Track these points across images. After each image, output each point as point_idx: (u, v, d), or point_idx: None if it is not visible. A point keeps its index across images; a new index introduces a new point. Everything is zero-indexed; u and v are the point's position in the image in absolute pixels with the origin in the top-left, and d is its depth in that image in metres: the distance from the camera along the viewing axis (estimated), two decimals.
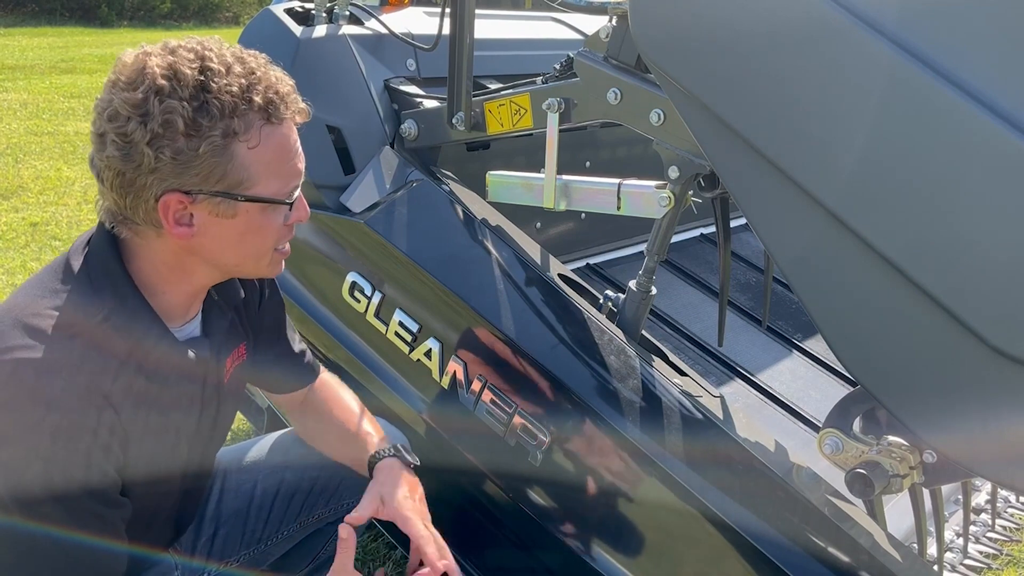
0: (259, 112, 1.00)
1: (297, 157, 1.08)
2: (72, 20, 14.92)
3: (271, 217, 1.07)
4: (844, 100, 1.11)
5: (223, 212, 1.03)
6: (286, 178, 1.06)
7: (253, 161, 1.01)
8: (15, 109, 7.06)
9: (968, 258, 1.05)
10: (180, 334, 1.14)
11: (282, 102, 1.03)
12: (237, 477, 1.45)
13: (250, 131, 1.00)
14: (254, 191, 1.03)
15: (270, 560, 1.50)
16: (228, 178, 1.00)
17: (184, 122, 0.95)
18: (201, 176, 0.99)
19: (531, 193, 1.70)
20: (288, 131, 1.05)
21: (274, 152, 1.03)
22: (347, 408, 1.46)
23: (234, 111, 0.98)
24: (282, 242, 1.12)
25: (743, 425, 1.41)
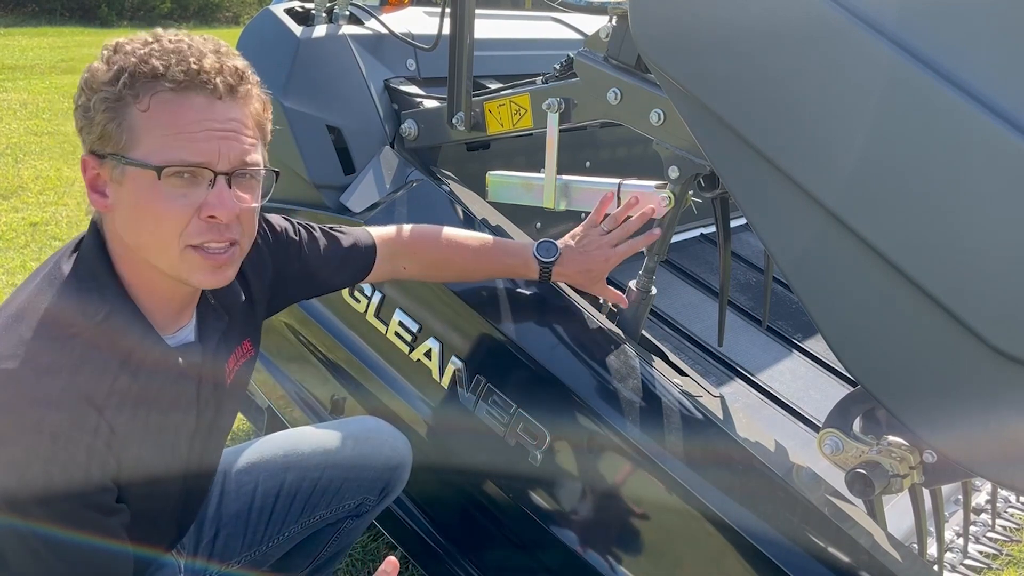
0: (156, 77, 0.96)
1: (203, 133, 0.99)
2: (72, 20, 14.92)
3: (160, 192, 0.98)
4: (844, 100, 1.11)
5: (117, 177, 0.99)
6: (171, 148, 0.97)
7: (142, 124, 0.97)
8: (15, 109, 7.05)
9: (968, 258, 1.05)
10: (172, 340, 1.11)
11: (190, 74, 0.97)
12: (238, 479, 1.45)
13: (144, 94, 0.97)
14: (133, 153, 0.98)
15: (271, 561, 1.50)
16: (119, 139, 0.98)
17: (93, 79, 0.98)
18: (98, 135, 0.99)
19: (531, 193, 1.70)
20: (191, 103, 0.98)
21: (166, 118, 0.97)
22: (461, 238, 1.55)
23: (133, 72, 0.96)
24: (193, 235, 1.01)
25: (743, 425, 1.41)
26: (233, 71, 1.01)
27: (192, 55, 0.98)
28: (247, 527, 1.43)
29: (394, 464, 1.52)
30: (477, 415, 1.59)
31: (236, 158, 1.02)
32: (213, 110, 1.00)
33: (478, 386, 1.60)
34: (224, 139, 1.00)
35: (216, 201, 1.00)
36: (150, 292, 1.07)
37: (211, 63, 0.99)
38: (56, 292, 1.01)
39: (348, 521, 1.54)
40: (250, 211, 1.06)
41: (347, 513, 1.52)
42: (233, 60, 1.03)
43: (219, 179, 1.00)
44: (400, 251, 1.52)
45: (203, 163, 0.99)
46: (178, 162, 0.98)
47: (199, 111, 0.99)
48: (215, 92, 0.99)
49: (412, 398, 1.74)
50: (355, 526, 1.56)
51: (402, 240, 1.52)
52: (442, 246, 1.53)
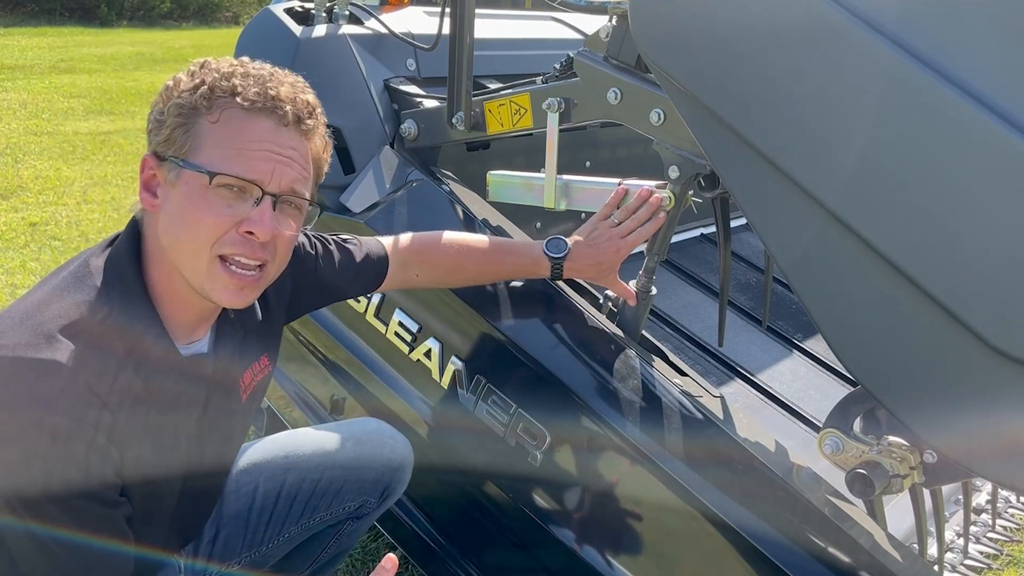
0: (231, 93, 1.02)
1: (262, 153, 1.03)
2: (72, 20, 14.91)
3: (208, 199, 1.01)
4: (844, 100, 1.11)
5: (172, 179, 1.03)
6: (230, 160, 1.01)
7: (208, 133, 1.02)
8: (15, 109, 7.05)
9: (968, 258, 1.05)
10: (185, 350, 1.13)
11: (263, 97, 1.03)
12: (238, 479, 1.45)
13: (216, 107, 1.02)
14: (193, 158, 1.02)
15: (271, 562, 1.49)
16: (184, 144, 1.02)
17: (173, 87, 1.03)
18: (166, 138, 1.03)
19: (531, 193, 1.70)
20: (257, 124, 1.03)
21: (229, 132, 1.02)
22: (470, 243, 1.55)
23: (212, 86, 1.02)
24: (226, 245, 1.03)
25: (743, 425, 1.41)
26: (305, 104, 1.08)
27: (271, 82, 1.04)
28: (247, 528, 1.43)
29: (395, 466, 1.52)
30: (477, 415, 1.59)
31: (286, 184, 1.06)
32: (277, 135, 1.05)
33: (478, 386, 1.60)
34: (279, 163, 1.05)
35: (257, 218, 1.03)
36: (172, 299, 1.08)
37: (287, 92, 1.05)
38: (80, 290, 1.03)
39: (349, 523, 1.54)
40: (286, 238, 1.09)
41: (348, 515, 1.52)
42: (307, 95, 1.09)
43: (266, 199, 1.04)
44: (411, 259, 1.53)
45: (254, 180, 1.03)
46: (231, 173, 1.02)
47: (263, 132, 1.04)
48: (283, 119, 1.05)
49: (412, 398, 1.74)
50: (356, 528, 1.56)
51: (413, 248, 1.53)
52: (452, 252, 1.53)
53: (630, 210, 1.52)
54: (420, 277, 1.54)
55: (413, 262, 1.53)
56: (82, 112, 7.18)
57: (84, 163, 5.49)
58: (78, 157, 5.63)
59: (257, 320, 1.27)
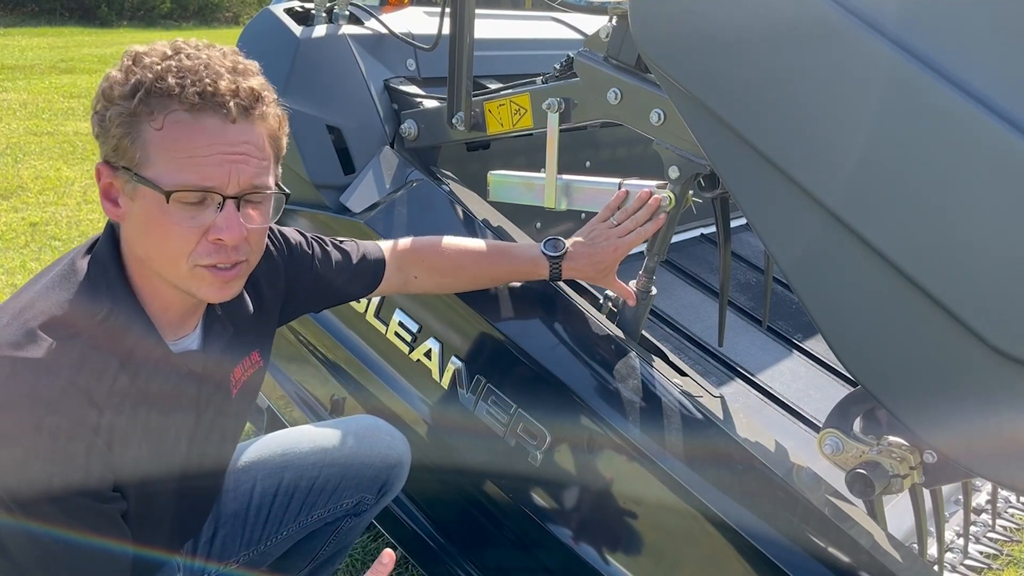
0: (170, 96, 0.96)
1: (214, 156, 0.99)
2: (72, 20, 14.92)
3: (169, 213, 0.98)
4: (844, 100, 1.11)
5: (129, 191, 1.00)
6: (182, 171, 0.98)
7: (155, 142, 0.97)
8: (15, 109, 7.06)
9: (968, 258, 1.05)
10: (175, 347, 1.12)
11: (204, 96, 0.97)
12: (236, 477, 1.45)
13: (158, 112, 0.97)
14: (145, 172, 0.98)
15: (270, 560, 1.50)
16: (130, 154, 0.98)
17: (110, 90, 0.98)
18: (112, 147, 0.99)
19: (531, 193, 1.70)
20: (204, 126, 0.98)
21: (176, 139, 0.97)
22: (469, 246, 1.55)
23: (148, 88, 0.96)
24: (201, 256, 1.02)
25: (743, 425, 1.41)
26: (248, 92, 1.01)
27: (208, 75, 0.98)
28: (245, 526, 1.43)
29: (392, 462, 1.52)
30: (477, 415, 1.59)
31: (246, 181, 1.02)
32: (225, 133, 0.99)
33: (478, 386, 1.60)
34: (235, 163, 1.00)
35: (224, 224, 1.00)
36: (155, 298, 1.08)
37: (227, 85, 0.99)
38: (67, 290, 1.02)
39: (346, 520, 1.54)
40: (258, 232, 1.07)
41: (345, 512, 1.52)
42: (249, 80, 1.02)
43: (228, 203, 1.01)
44: (409, 262, 1.52)
45: (212, 187, 0.99)
46: (188, 186, 0.98)
47: (211, 135, 0.99)
48: (228, 115, 0.99)
49: (412, 398, 1.74)
50: (353, 525, 1.56)
51: (411, 251, 1.53)
52: (450, 254, 1.53)
53: (629, 211, 1.52)
54: (419, 280, 1.54)
55: (411, 265, 1.52)
56: (82, 112, 7.17)
57: (84, 163, 5.49)
58: (78, 157, 5.63)
59: (248, 313, 1.26)
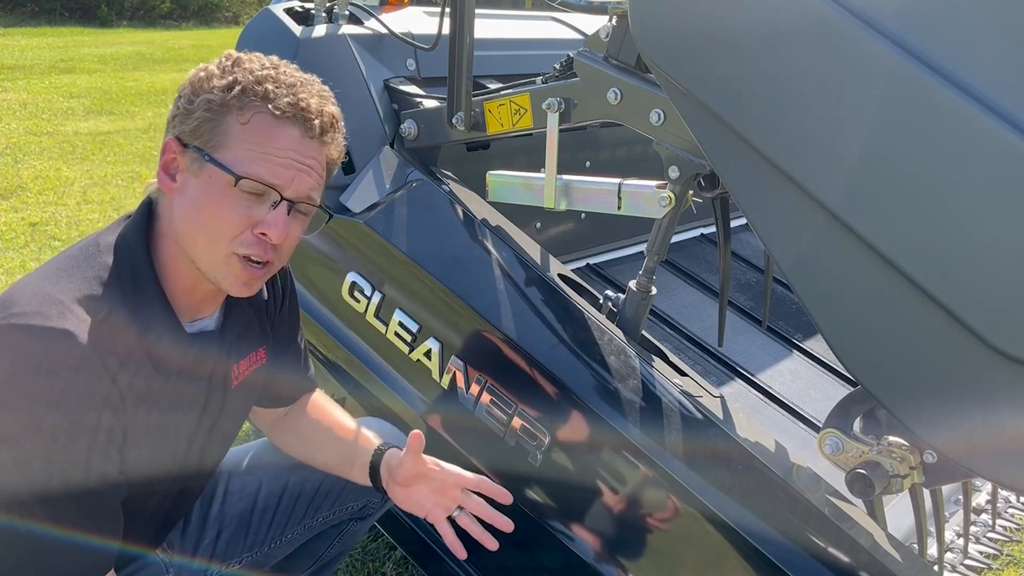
0: (264, 98, 1.06)
1: (286, 160, 1.07)
2: (72, 20, 14.91)
3: (229, 197, 1.05)
4: (844, 100, 1.11)
5: (194, 169, 1.07)
6: (255, 163, 1.05)
7: (236, 133, 1.05)
8: (15, 109, 7.05)
9: (968, 258, 1.05)
10: (190, 327, 1.15)
11: (295, 108, 1.07)
12: (241, 479, 1.45)
13: (247, 109, 1.05)
14: (219, 155, 1.05)
15: (273, 562, 1.49)
16: (210, 138, 1.06)
17: (205, 80, 1.06)
18: (192, 128, 1.06)
19: (531, 193, 1.70)
20: (285, 132, 1.07)
21: (259, 136, 1.06)
22: (336, 417, 1.47)
23: (245, 87, 1.05)
24: (242, 245, 1.07)
25: (743, 425, 1.41)
26: (330, 117, 1.12)
27: (302, 92, 1.09)
28: (249, 528, 1.43)
29: None
30: (477, 415, 1.59)
31: (303, 191, 1.10)
32: (301, 144, 1.09)
33: (478, 386, 1.60)
34: (300, 171, 1.09)
35: (272, 222, 1.07)
36: (178, 278, 1.12)
37: (316, 105, 1.09)
38: (91, 264, 1.06)
39: (352, 523, 1.54)
40: (293, 239, 1.13)
41: (351, 515, 1.52)
42: (332, 107, 1.13)
43: (282, 204, 1.08)
44: (290, 421, 1.48)
45: (275, 185, 1.07)
46: (257, 177, 1.05)
47: (290, 141, 1.08)
48: (310, 131, 1.09)
49: (412, 398, 1.74)
50: (358, 528, 1.56)
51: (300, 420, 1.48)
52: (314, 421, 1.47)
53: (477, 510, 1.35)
54: (281, 434, 1.49)
55: (290, 425, 1.47)
56: (82, 112, 7.18)
57: (84, 163, 5.49)
58: (78, 157, 5.63)
59: (263, 302, 1.30)
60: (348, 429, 1.45)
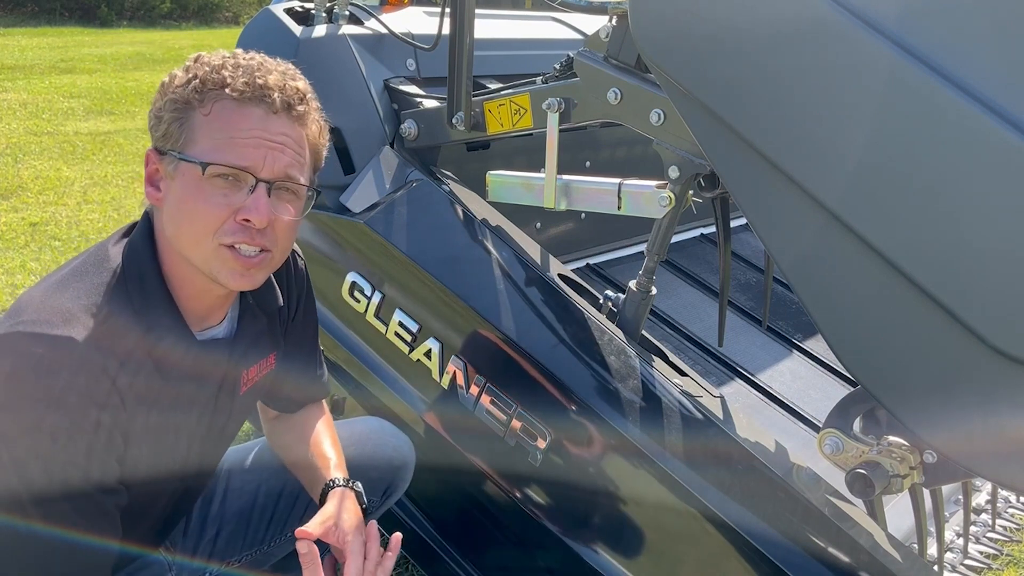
0: (222, 86, 1.04)
1: (253, 141, 1.05)
2: (72, 20, 14.91)
3: (204, 189, 1.04)
4: (844, 100, 1.11)
5: (171, 172, 1.06)
6: (223, 150, 1.03)
7: (201, 125, 1.05)
8: (15, 109, 7.05)
9: (968, 258, 1.05)
10: (201, 335, 1.15)
11: (252, 87, 1.05)
12: (241, 478, 1.45)
13: (208, 100, 1.04)
14: (188, 150, 1.05)
15: (272, 561, 1.50)
16: (180, 138, 1.05)
17: (168, 82, 1.06)
18: (163, 133, 1.06)
19: (531, 193, 1.70)
20: (247, 113, 1.05)
21: (221, 123, 1.04)
22: (320, 437, 1.43)
23: (203, 79, 1.04)
24: (226, 234, 1.05)
25: (743, 425, 1.41)
26: (295, 91, 1.09)
27: (259, 71, 1.07)
28: (248, 526, 1.43)
29: (397, 464, 1.52)
30: (477, 415, 1.59)
31: (280, 169, 1.07)
32: (267, 122, 1.06)
33: (478, 386, 1.60)
34: (271, 150, 1.06)
35: (252, 205, 1.05)
36: (185, 286, 1.11)
37: (275, 80, 1.07)
38: (100, 272, 1.06)
39: None
40: (285, 223, 1.10)
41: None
42: (296, 82, 1.10)
43: (260, 186, 1.06)
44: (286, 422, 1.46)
45: (246, 167, 1.05)
46: (223, 162, 1.04)
47: (254, 121, 1.06)
48: (272, 106, 1.06)
49: (412, 398, 1.74)
50: None
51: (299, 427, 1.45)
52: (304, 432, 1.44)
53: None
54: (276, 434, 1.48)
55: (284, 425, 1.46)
56: (82, 112, 7.17)
57: (84, 163, 5.49)
58: (78, 157, 5.63)
59: (277, 307, 1.28)
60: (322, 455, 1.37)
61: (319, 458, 1.37)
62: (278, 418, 1.48)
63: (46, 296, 1.02)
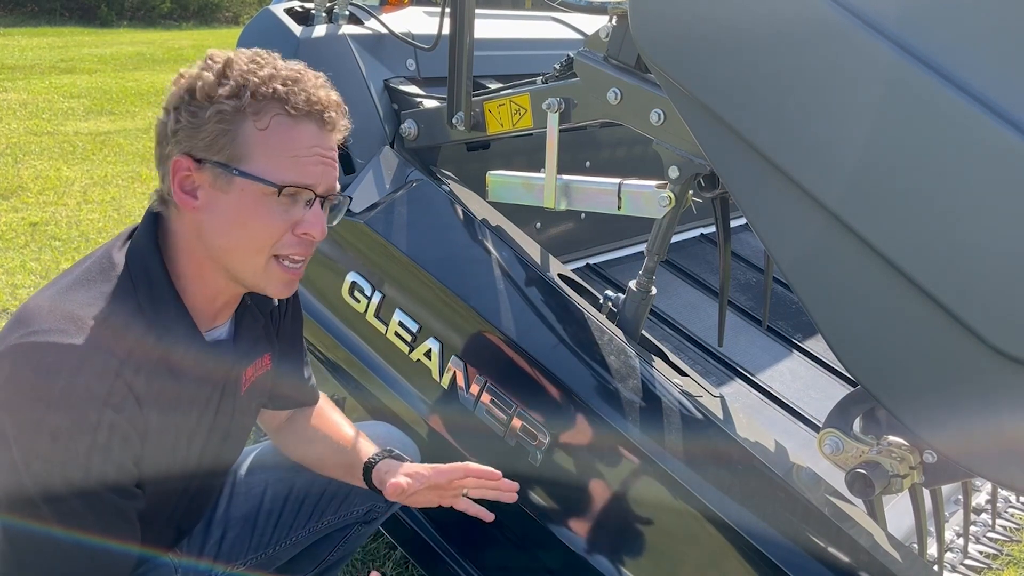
0: (277, 100, 1.04)
1: (311, 158, 1.07)
2: (72, 20, 14.91)
3: (267, 206, 1.05)
4: (844, 101, 1.11)
5: (220, 185, 1.04)
6: (286, 169, 1.05)
7: (257, 141, 1.03)
8: (15, 109, 7.05)
9: (968, 258, 1.05)
10: (208, 336, 1.15)
11: (310, 104, 1.06)
12: (247, 480, 1.45)
13: (262, 113, 1.03)
14: (248, 167, 1.04)
15: (277, 564, 1.49)
16: (229, 150, 1.03)
17: (203, 89, 1.02)
18: (206, 142, 1.03)
19: (531, 193, 1.70)
20: (307, 131, 1.06)
21: (282, 140, 1.04)
22: (337, 423, 1.47)
23: (254, 92, 1.02)
24: (284, 247, 1.08)
25: (743, 425, 1.41)
26: (338, 106, 1.11)
27: (309, 85, 1.07)
28: (255, 529, 1.43)
29: None
30: (477, 415, 1.59)
31: (331, 184, 1.11)
32: (321, 138, 1.09)
33: (478, 386, 1.60)
34: (326, 165, 1.09)
35: (314, 220, 1.09)
36: (198, 288, 1.11)
37: (325, 97, 1.08)
38: (106, 278, 1.05)
39: (356, 527, 1.54)
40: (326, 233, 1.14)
41: (356, 519, 1.52)
42: (335, 93, 1.12)
43: (317, 201, 1.09)
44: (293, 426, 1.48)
45: (310, 185, 1.07)
46: (295, 183, 1.06)
47: (312, 138, 1.07)
48: (328, 124, 1.09)
49: (412, 398, 1.74)
50: (363, 532, 1.57)
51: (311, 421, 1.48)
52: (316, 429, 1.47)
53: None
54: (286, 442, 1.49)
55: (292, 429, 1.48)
56: (82, 112, 7.17)
57: (84, 163, 5.49)
58: (78, 157, 5.63)
59: (271, 307, 1.30)
60: (347, 437, 1.43)
61: (342, 445, 1.41)
62: (285, 426, 1.48)
63: (55, 304, 1.01)
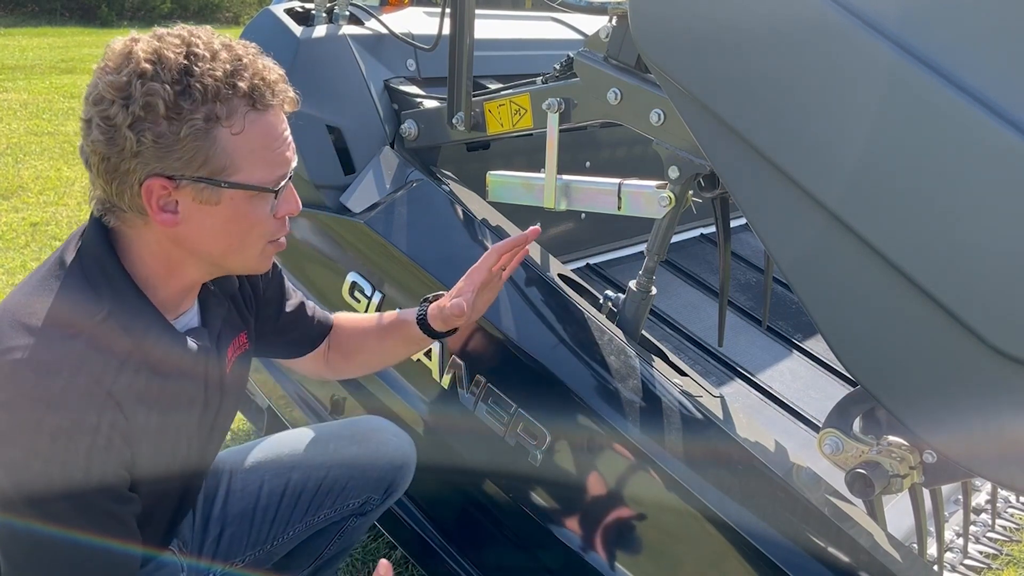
0: (244, 98, 0.99)
1: (284, 145, 1.06)
2: (72, 20, 14.91)
3: (257, 206, 1.05)
4: (844, 101, 1.11)
5: (207, 199, 1.01)
6: (271, 166, 1.04)
7: (236, 147, 1.00)
8: (15, 109, 7.06)
9: (968, 258, 1.05)
10: (178, 325, 1.13)
11: (268, 89, 1.02)
12: (243, 477, 1.45)
13: (234, 117, 0.99)
14: (237, 177, 1.01)
15: (274, 560, 1.50)
16: (211, 163, 0.99)
17: (165, 105, 0.95)
18: (183, 160, 0.98)
19: (531, 193, 1.70)
20: (275, 119, 1.04)
21: (259, 139, 1.02)
22: (364, 319, 1.53)
23: (217, 95, 0.97)
24: (273, 235, 1.10)
25: (743, 425, 1.41)
26: (282, 76, 1.06)
27: (259, 66, 1.02)
28: (252, 526, 1.43)
29: (399, 463, 1.52)
30: (477, 415, 1.60)
31: (293, 158, 1.10)
32: (281, 121, 1.06)
33: (478, 386, 1.60)
34: (290, 146, 1.09)
35: (289, 198, 1.10)
36: (169, 283, 1.09)
37: (275, 76, 1.04)
38: (63, 284, 1.02)
39: (352, 520, 1.54)
40: None
41: (351, 512, 1.52)
42: (272, 62, 1.06)
43: (287, 179, 1.08)
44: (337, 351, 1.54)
45: (288, 171, 1.08)
46: (280, 176, 1.06)
47: (278, 123, 1.06)
48: (283, 105, 1.06)
49: (412, 398, 1.74)
50: (359, 525, 1.57)
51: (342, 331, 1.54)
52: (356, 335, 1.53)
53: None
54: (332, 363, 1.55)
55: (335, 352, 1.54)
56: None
57: None
58: (78, 157, 5.62)
59: (235, 288, 1.27)
60: (382, 322, 1.50)
61: (384, 329, 1.49)
62: (327, 356, 1.54)
63: (15, 319, 0.98)
